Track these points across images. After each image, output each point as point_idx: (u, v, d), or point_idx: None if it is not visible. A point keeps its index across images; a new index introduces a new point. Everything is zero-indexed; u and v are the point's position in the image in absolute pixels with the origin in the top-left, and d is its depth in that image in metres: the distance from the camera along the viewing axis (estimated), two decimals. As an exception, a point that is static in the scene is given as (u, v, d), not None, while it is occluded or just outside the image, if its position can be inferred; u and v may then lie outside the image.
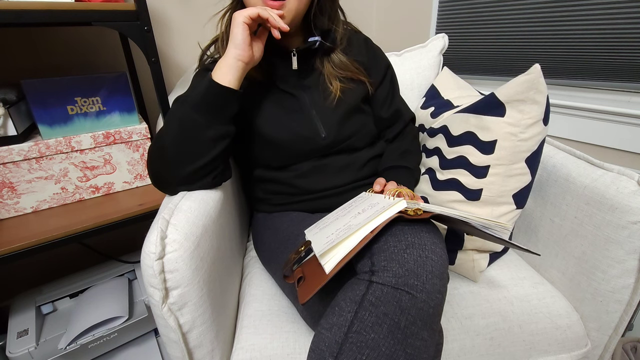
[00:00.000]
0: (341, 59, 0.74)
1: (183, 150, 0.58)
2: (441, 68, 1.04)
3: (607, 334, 0.65)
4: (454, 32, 1.30)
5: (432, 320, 0.42)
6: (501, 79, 1.25)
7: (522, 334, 0.63)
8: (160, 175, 0.60)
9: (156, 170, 0.60)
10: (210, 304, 0.54)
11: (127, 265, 1.01)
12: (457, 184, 0.68)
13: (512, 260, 0.77)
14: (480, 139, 0.65)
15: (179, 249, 0.49)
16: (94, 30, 0.99)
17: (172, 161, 0.58)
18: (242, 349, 0.59)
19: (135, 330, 0.90)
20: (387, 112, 0.80)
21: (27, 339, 0.79)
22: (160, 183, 0.61)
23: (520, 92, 0.60)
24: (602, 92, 1.03)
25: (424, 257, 0.42)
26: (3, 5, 0.60)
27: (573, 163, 0.68)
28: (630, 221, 0.57)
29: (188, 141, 0.58)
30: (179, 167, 0.58)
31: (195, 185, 0.60)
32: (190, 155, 0.58)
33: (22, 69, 0.93)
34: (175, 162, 0.58)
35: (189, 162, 0.58)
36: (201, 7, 1.13)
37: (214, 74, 0.59)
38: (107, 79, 0.81)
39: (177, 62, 1.15)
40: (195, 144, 0.58)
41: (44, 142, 0.76)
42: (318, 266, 0.46)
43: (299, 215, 0.73)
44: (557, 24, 1.03)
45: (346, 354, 0.40)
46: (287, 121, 0.70)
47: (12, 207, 0.77)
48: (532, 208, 0.76)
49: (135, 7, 0.70)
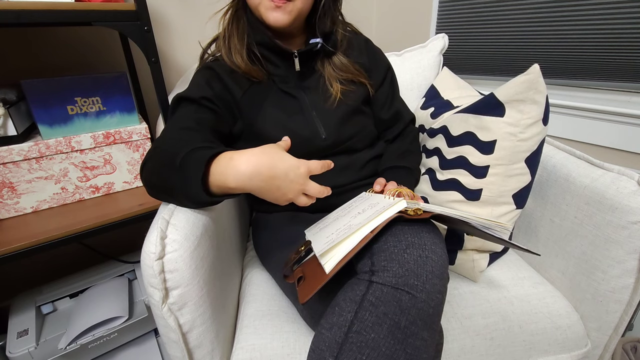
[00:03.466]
0: (342, 60, 0.74)
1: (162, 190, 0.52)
2: (441, 68, 1.04)
3: (607, 334, 0.65)
4: (454, 32, 1.30)
5: (432, 320, 0.42)
6: (501, 79, 1.24)
7: (522, 334, 0.63)
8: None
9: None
10: (210, 304, 0.54)
11: (127, 265, 1.01)
12: (457, 184, 0.68)
13: (512, 260, 0.77)
14: (480, 139, 0.65)
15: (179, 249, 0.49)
16: (94, 30, 0.99)
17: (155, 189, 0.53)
18: (242, 349, 0.59)
19: (135, 330, 0.90)
20: (387, 113, 0.80)
21: (27, 339, 0.79)
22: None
23: (519, 92, 0.60)
24: (602, 92, 1.03)
25: (424, 257, 0.42)
26: (3, 5, 0.60)
27: (573, 163, 0.68)
28: (630, 221, 0.57)
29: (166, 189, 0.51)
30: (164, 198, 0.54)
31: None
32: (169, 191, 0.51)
33: (22, 69, 0.93)
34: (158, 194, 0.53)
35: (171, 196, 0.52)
36: (201, 6, 1.13)
37: (215, 175, 0.47)
38: (107, 79, 0.81)
39: (177, 62, 1.15)
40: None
41: (44, 142, 0.76)
42: (318, 266, 0.46)
43: (298, 215, 0.73)
44: (557, 24, 1.03)
45: (346, 354, 0.40)
46: (287, 122, 0.70)
47: (12, 207, 0.77)
48: (532, 208, 0.76)
49: (135, 7, 0.70)
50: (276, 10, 0.62)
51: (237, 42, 0.69)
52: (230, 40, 0.69)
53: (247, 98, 0.70)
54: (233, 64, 0.69)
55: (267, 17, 0.63)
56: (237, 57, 0.69)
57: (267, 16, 0.63)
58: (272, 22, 0.63)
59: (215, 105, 0.66)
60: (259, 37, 0.68)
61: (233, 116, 0.70)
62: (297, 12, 0.63)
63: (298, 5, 0.63)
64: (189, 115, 0.63)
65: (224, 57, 0.70)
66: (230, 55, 0.69)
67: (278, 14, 0.62)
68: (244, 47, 0.69)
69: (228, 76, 0.69)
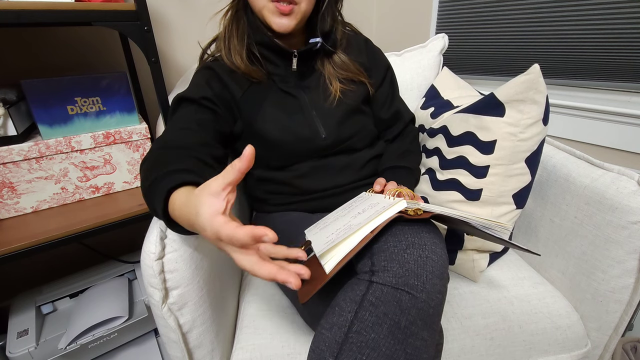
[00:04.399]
0: (342, 59, 0.74)
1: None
2: (441, 68, 1.04)
3: (607, 334, 0.65)
4: (454, 32, 1.30)
5: (432, 320, 0.42)
6: (501, 79, 1.24)
7: (522, 334, 0.63)
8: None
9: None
10: (210, 304, 0.54)
11: (127, 265, 1.01)
12: (457, 184, 0.68)
13: (512, 260, 0.77)
14: (480, 139, 0.65)
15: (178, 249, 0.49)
16: (94, 30, 0.99)
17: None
18: (242, 349, 0.59)
19: (135, 330, 0.90)
20: (387, 113, 0.80)
21: (27, 339, 0.79)
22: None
23: (519, 92, 0.60)
24: (602, 92, 1.03)
25: (424, 257, 0.42)
26: (3, 5, 0.60)
27: (573, 163, 0.68)
28: (630, 221, 0.57)
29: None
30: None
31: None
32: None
33: (22, 69, 0.93)
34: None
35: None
36: (201, 6, 1.13)
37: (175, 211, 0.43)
38: (107, 79, 0.81)
39: (177, 62, 1.15)
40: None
41: (44, 142, 0.76)
42: (318, 266, 0.47)
43: (299, 215, 0.73)
44: (557, 24, 1.03)
45: (346, 354, 0.40)
46: (287, 121, 0.70)
47: (12, 207, 0.77)
48: (532, 208, 0.76)
49: (135, 7, 0.70)
50: (281, 17, 0.62)
51: (237, 43, 0.69)
52: (230, 41, 0.69)
53: (247, 98, 0.70)
54: (233, 65, 0.69)
55: (271, 22, 0.63)
56: (236, 58, 0.69)
57: (271, 21, 0.63)
58: (277, 27, 0.63)
59: (215, 105, 0.66)
60: (259, 37, 0.68)
61: (233, 116, 0.70)
62: (302, 16, 0.64)
63: (302, 8, 0.63)
64: (189, 115, 0.63)
65: (223, 58, 0.70)
66: (230, 56, 0.69)
67: (283, 20, 0.62)
68: (243, 47, 0.69)
69: (228, 76, 0.69)
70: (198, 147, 0.57)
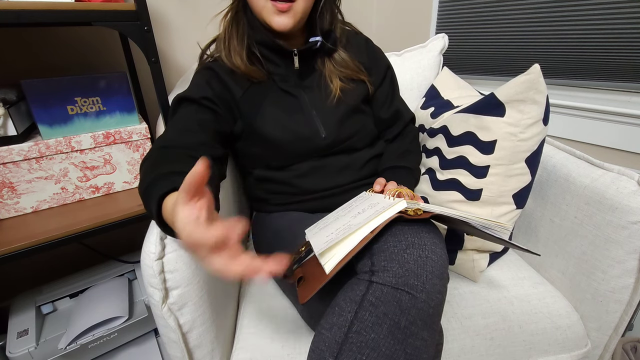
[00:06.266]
0: (342, 56, 0.74)
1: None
2: (441, 68, 1.04)
3: (607, 334, 0.65)
4: (454, 32, 1.30)
5: (432, 320, 0.42)
6: (501, 79, 1.24)
7: (522, 334, 0.63)
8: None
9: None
10: (210, 304, 0.54)
11: (127, 265, 1.01)
12: (457, 184, 0.68)
13: (512, 260, 0.77)
14: (480, 139, 0.65)
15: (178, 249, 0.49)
16: (94, 30, 0.99)
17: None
18: (242, 349, 0.59)
19: (135, 330, 0.90)
20: (387, 112, 0.80)
21: (27, 339, 0.79)
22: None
23: (519, 92, 0.60)
24: (602, 92, 1.03)
25: (424, 257, 0.42)
26: (3, 5, 0.60)
27: (573, 163, 0.68)
28: (630, 221, 0.57)
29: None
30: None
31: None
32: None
33: (22, 69, 0.93)
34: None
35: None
36: (201, 7, 1.13)
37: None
38: (107, 79, 0.81)
39: (177, 62, 1.15)
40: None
41: (44, 142, 0.76)
42: (318, 266, 0.46)
43: (299, 215, 0.73)
44: (557, 24, 1.03)
45: (346, 354, 0.40)
46: (287, 121, 0.70)
47: (12, 207, 0.77)
48: (532, 208, 0.76)
49: (135, 7, 0.70)
50: (280, 15, 0.63)
51: (237, 44, 0.69)
52: (230, 42, 0.69)
53: (247, 97, 0.70)
54: (233, 65, 0.69)
55: (271, 21, 0.63)
56: (236, 59, 0.69)
57: (271, 21, 0.63)
58: (277, 26, 0.63)
59: (215, 105, 0.66)
60: (259, 36, 0.68)
61: (233, 116, 0.70)
62: (301, 14, 0.64)
63: (301, 6, 0.63)
64: (189, 115, 0.63)
65: (223, 59, 0.70)
66: (230, 56, 0.69)
67: (282, 18, 0.63)
68: (243, 48, 0.69)
69: (228, 76, 0.70)
70: (198, 147, 0.57)
